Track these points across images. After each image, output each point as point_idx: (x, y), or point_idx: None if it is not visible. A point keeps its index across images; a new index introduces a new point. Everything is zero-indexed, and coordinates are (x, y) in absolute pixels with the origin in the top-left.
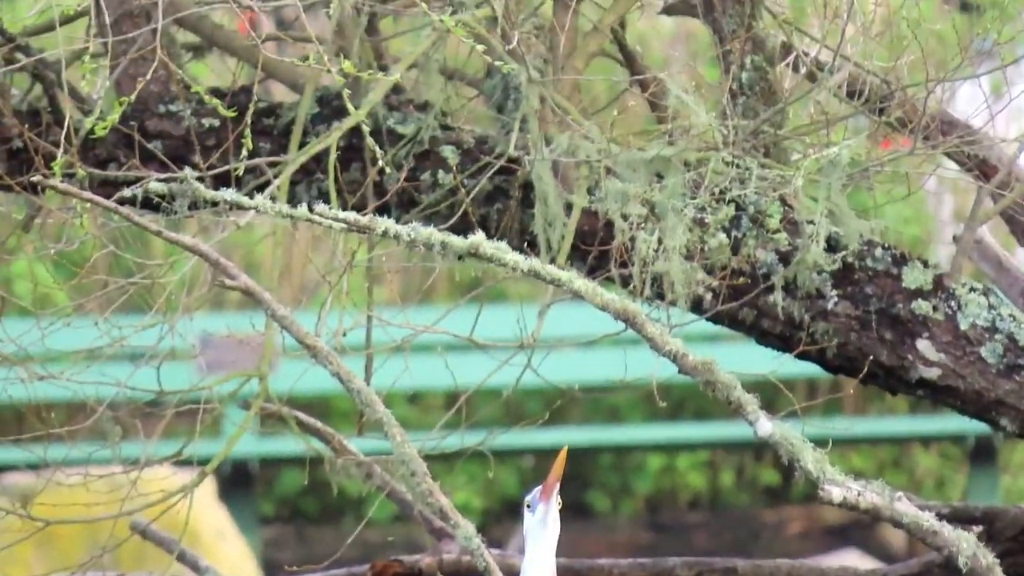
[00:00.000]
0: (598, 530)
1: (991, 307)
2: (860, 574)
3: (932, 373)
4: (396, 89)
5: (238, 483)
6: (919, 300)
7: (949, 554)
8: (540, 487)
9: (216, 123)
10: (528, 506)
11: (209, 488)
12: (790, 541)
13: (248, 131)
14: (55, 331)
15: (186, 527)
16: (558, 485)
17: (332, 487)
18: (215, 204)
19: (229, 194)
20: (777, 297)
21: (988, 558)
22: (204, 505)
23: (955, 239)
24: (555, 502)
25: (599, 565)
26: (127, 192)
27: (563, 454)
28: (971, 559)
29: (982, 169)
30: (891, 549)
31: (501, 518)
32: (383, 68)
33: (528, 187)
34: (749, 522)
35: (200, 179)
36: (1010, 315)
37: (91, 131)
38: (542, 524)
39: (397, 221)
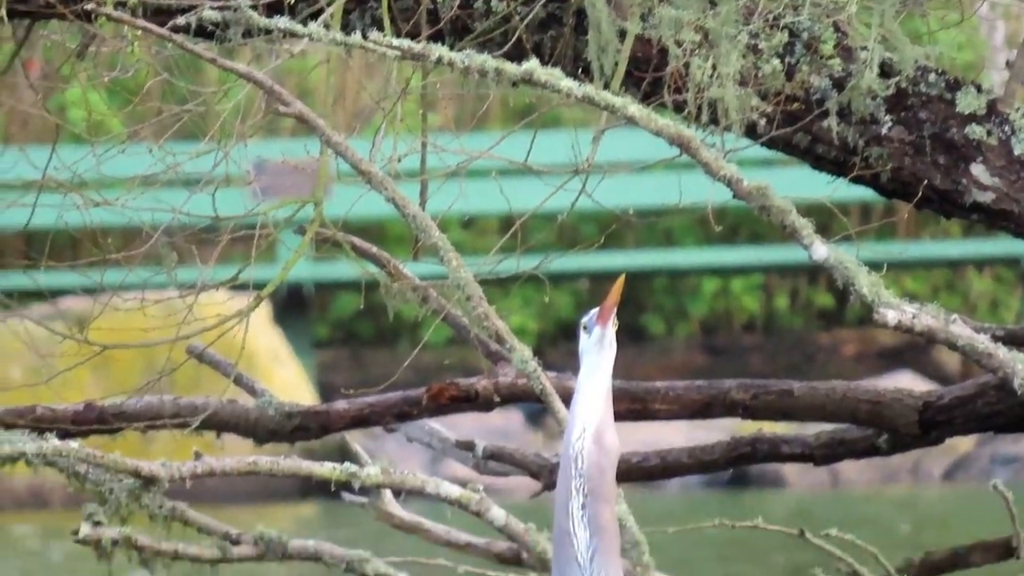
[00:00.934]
0: (653, 353)
1: None
2: (915, 396)
3: (986, 197)
4: None
5: (293, 307)
6: (973, 125)
7: (1004, 376)
8: (597, 310)
9: None
10: (585, 328)
11: (264, 312)
12: (845, 363)
13: None
14: (110, 158)
15: (242, 351)
16: (615, 309)
17: (387, 311)
18: (268, 32)
19: (283, 22)
20: (831, 122)
21: None
22: (260, 329)
23: (1008, 65)
24: (612, 326)
25: (654, 388)
26: (180, 20)
27: (621, 280)
28: None
29: None
30: (946, 371)
31: (556, 341)
32: None
33: (581, 14)
34: (804, 345)
35: (253, 7)
36: None
37: None
38: (599, 346)
39: (451, 49)
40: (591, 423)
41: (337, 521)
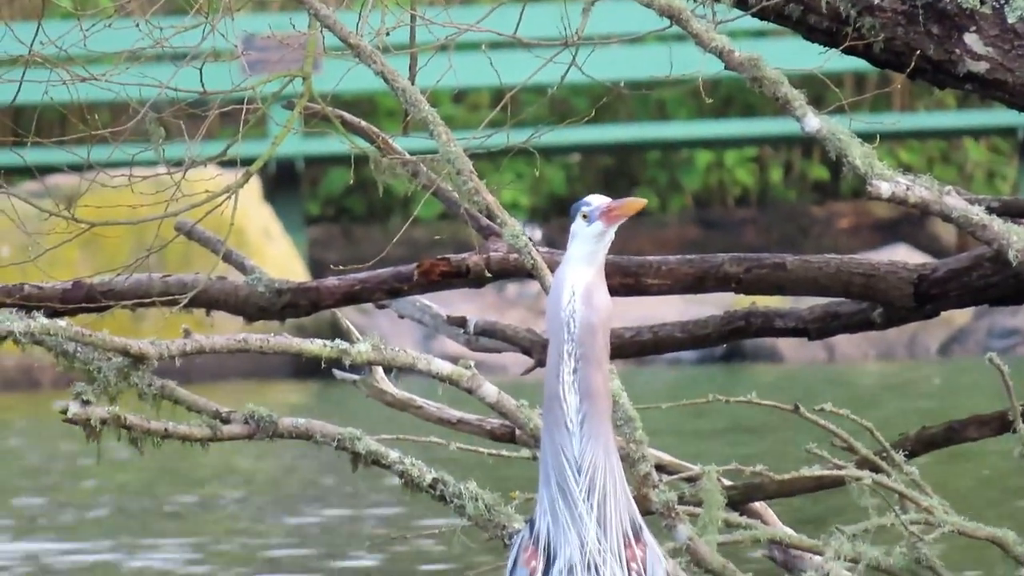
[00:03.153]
0: (647, 227)
1: None
2: (910, 268)
3: (980, 67)
4: None
5: (284, 183)
6: None
7: (999, 247)
8: (603, 204)
9: None
10: (585, 216)
11: (255, 188)
12: (839, 236)
13: None
14: (97, 32)
15: (231, 227)
16: (624, 218)
17: (378, 186)
18: None
19: None
20: None
21: None
22: (250, 205)
23: None
24: (614, 229)
25: (647, 262)
26: None
27: (642, 202)
28: (1021, 252)
29: None
30: (941, 243)
31: (548, 215)
32: None
33: None
34: (798, 218)
35: None
36: None
37: None
38: (596, 239)
39: None
40: (580, 284)
41: (328, 400)
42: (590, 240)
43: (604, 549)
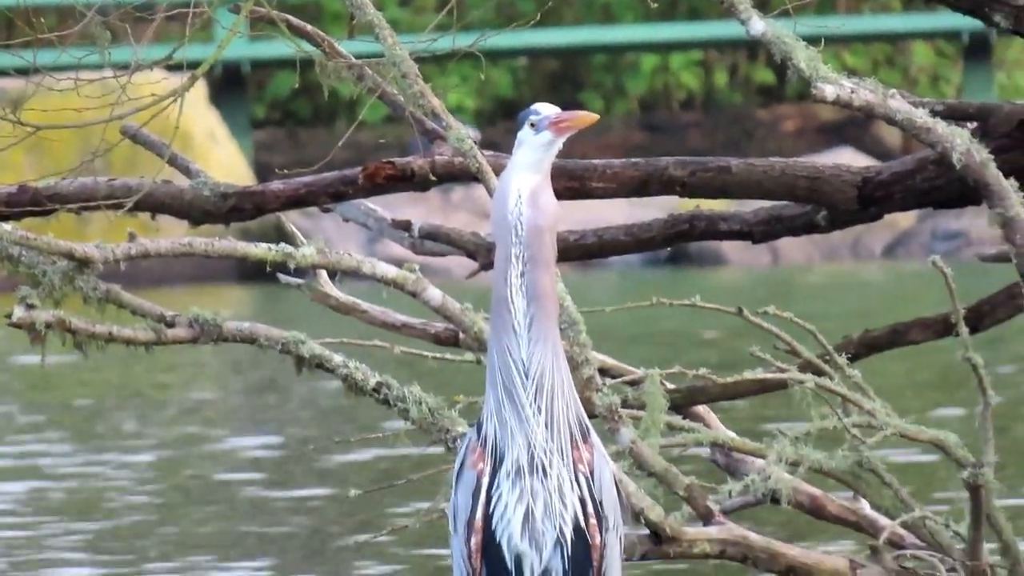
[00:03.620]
0: (591, 131)
1: None
2: (853, 171)
3: None
4: None
5: (230, 86)
6: None
7: (943, 150)
8: (556, 116)
9: None
10: (533, 125)
11: (201, 92)
12: (784, 139)
13: None
14: None
15: (176, 130)
16: (574, 131)
17: (323, 90)
18: None
19: None
20: None
21: (982, 154)
22: (196, 109)
23: None
24: (562, 140)
25: (592, 165)
26: None
27: (595, 118)
28: (965, 155)
29: None
30: (886, 146)
31: (494, 119)
32: None
33: None
34: (743, 121)
35: None
36: None
37: None
38: (544, 148)
39: None
40: (526, 188)
41: (274, 304)
42: (537, 148)
43: (551, 450)
